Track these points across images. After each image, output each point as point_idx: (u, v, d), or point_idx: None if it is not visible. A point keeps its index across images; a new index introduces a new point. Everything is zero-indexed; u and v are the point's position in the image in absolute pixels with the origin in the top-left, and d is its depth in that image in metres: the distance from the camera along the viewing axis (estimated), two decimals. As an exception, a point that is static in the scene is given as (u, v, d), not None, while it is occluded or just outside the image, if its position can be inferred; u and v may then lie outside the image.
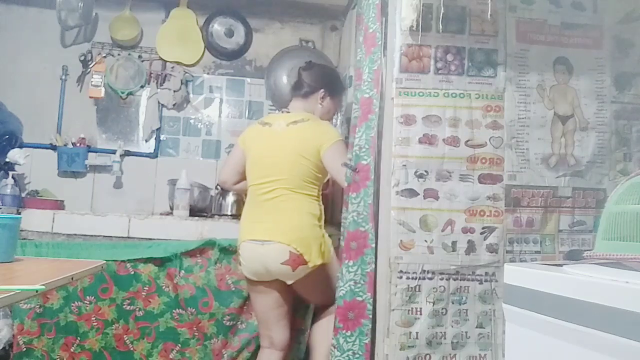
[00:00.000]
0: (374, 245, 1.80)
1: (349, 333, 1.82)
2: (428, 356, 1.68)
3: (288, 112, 2.18)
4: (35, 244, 2.20)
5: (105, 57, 2.90)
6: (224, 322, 2.29)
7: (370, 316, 1.79)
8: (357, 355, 1.80)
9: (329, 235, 2.39)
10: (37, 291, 1.05)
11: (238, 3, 3.01)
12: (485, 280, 1.72)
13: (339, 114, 2.93)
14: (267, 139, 2.08)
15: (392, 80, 1.75)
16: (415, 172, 1.71)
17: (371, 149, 1.84)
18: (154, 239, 2.31)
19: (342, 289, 1.85)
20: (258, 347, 2.31)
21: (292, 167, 1.99)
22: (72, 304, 2.21)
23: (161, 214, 2.67)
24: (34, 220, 2.27)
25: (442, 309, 1.69)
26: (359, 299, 1.81)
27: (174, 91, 2.94)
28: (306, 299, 2.13)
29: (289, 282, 1.96)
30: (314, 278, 1.97)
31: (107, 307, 2.23)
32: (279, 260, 1.90)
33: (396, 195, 1.70)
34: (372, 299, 1.79)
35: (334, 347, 1.86)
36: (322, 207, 2.07)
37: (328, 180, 2.79)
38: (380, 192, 1.81)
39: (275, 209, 1.97)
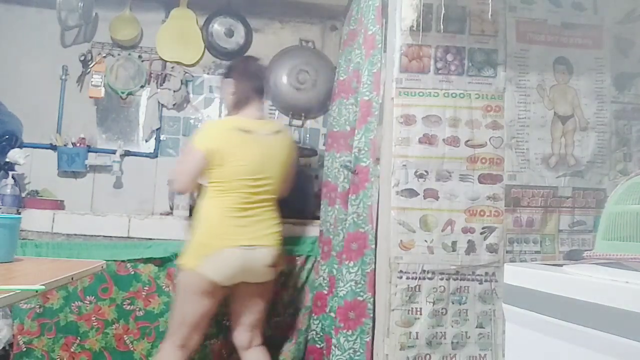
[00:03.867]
0: (373, 246, 1.81)
1: (349, 332, 1.83)
2: (428, 356, 1.68)
3: (261, 117, 2.13)
4: (35, 244, 2.20)
5: (105, 57, 2.90)
6: (224, 322, 2.29)
7: (371, 315, 1.79)
8: (358, 354, 1.81)
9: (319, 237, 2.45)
10: (37, 291, 1.05)
11: (238, 3, 3.01)
12: (485, 280, 1.72)
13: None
14: (257, 147, 2.03)
15: (392, 80, 1.75)
16: (415, 172, 1.71)
17: (370, 151, 1.84)
18: (154, 239, 2.31)
19: (343, 289, 1.86)
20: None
21: (278, 177, 2.08)
22: (72, 304, 2.21)
23: (161, 214, 2.67)
24: (34, 220, 2.27)
25: (442, 309, 1.69)
26: (360, 298, 1.82)
27: (174, 91, 2.94)
28: (259, 310, 2.09)
29: (261, 281, 2.04)
30: (271, 284, 2.11)
31: (107, 307, 2.23)
32: (266, 262, 1.98)
33: (396, 195, 1.70)
34: (372, 299, 1.80)
35: (335, 347, 1.87)
36: None
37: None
38: (380, 192, 1.81)
39: (261, 215, 2.02)
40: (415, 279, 1.69)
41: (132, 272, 2.24)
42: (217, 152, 1.98)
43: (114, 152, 2.86)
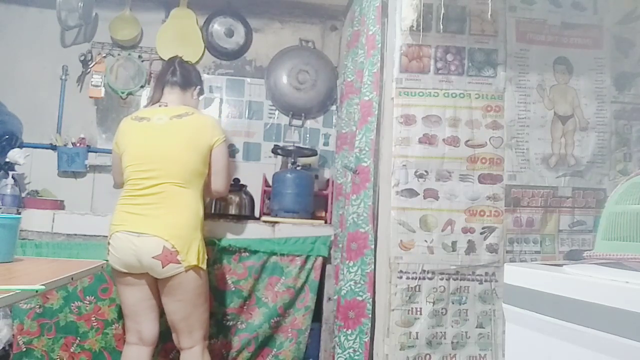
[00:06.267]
0: (373, 246, 1.81)
1: (349, 332, 1.83)
2: (428, 356, 1.68)
3: (166, 105, 2.07)
4: (35, 244, 2.20)
5: (105, 57, 2.90)
6: (224, 322, 2.29)
7: (370, 315, 1.80)
8: (357, 353, 1.81)
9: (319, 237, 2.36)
10: (37, 291, 1.05)
11: (238, 3, 3.01)
12: (485, 280, 1.72)
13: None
14: (148, 134, 1.99)
15: (392, 80, 1.75)
16: (415, 172, 1.71)
17: (371, 151, 1.85)
18: (154, 239, 2.30)
19: (343, 289, 1.86)
20: (258, 347, 2.32)
21: (180, 161, 1.94)
22: (72, 304, 2.21)
23: (161, 214, 2.66)
24: (34, 220, 2.27)
25: (442, 309, 1.69)
26: (359, 298, 1.82)
27: (174, 91, 2.94)
28: (173, 310, 1.93)
29: (158, 277, 1.89)
30: (187, 284, 1.88)
31: (107, 307, 2.23)
32: (151, 253, 1.83)
33: (396, 195, 1.70)
34: (371, 299, 1.80)
35: (336, 345, 1.87)
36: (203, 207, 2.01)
37: (328, 180, 2.81)
38: (380, 192, 1.81)
39: (158, 203, 1.90)
40: (415, 279, 1.69)
41: (132, 272, 2.23)
42: (118, 144, 2.07)
43: (114, 152, 2.85)
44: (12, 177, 2.39)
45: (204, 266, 1.93)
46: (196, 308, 1.93)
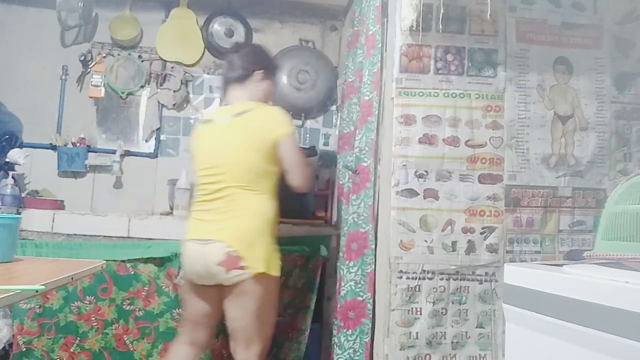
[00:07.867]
0: (374, 246, 1.81)
1: (349, 332, 1.83)
2: (428, 356, 1.68)
3: (229, 104, 1.97)
4: (35, 244, 2.20)
5: (105, 57, 2.90)
6: (224, 322, 2.29)
7: (371, 315, 1.80)
8: (357, 353, 1.81)
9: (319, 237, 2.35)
10: (37, 291, 1.05)
11: (238, 3, 3.01)
12: (485, 280, 1.72)
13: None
14: (211, 136, 1.92)
15: (392, 80, 1.75)
16: (415, 172, 1.71)
17: (371, 151, 1.85)
18: (154, 239, 2.31)
19: (343, 289, 1.86)
20: (258, 347, 2.32)
21: (243, 163, 1.81)
22: (72, 304, 2.21)
23: (161, 214, 2.66)
24: (34, 220, 2.27)
25: (442, 309, 1.69)
26: (360, 298, 1.82)
27: (174, 91, 2.94)
28: (233, 317, 1.82)
29: (226, 284, 1.77)
30: (251, 293, 1.74)
31: (107, 307, 2.23)
32: (216, 260, 1.73)
33: (396, 195, 1.70)
34: (372, 299, 1.80)
35: (336, 346, 1.87)
36: (275, 207, 1.86)
37: (329, 180, 2.80)
38: (380, 192, 1.81)
39: (222, 208, 1.80)
40: (415, 279, 1.69)
41: (132, 272, 2.23)
42: (192, 150, 2.01)
43: (114, 152, 2.86)
44: (12, 177, 2.39)
45: (274, 274, 1.77)
46: (258, 319, 1.78)
